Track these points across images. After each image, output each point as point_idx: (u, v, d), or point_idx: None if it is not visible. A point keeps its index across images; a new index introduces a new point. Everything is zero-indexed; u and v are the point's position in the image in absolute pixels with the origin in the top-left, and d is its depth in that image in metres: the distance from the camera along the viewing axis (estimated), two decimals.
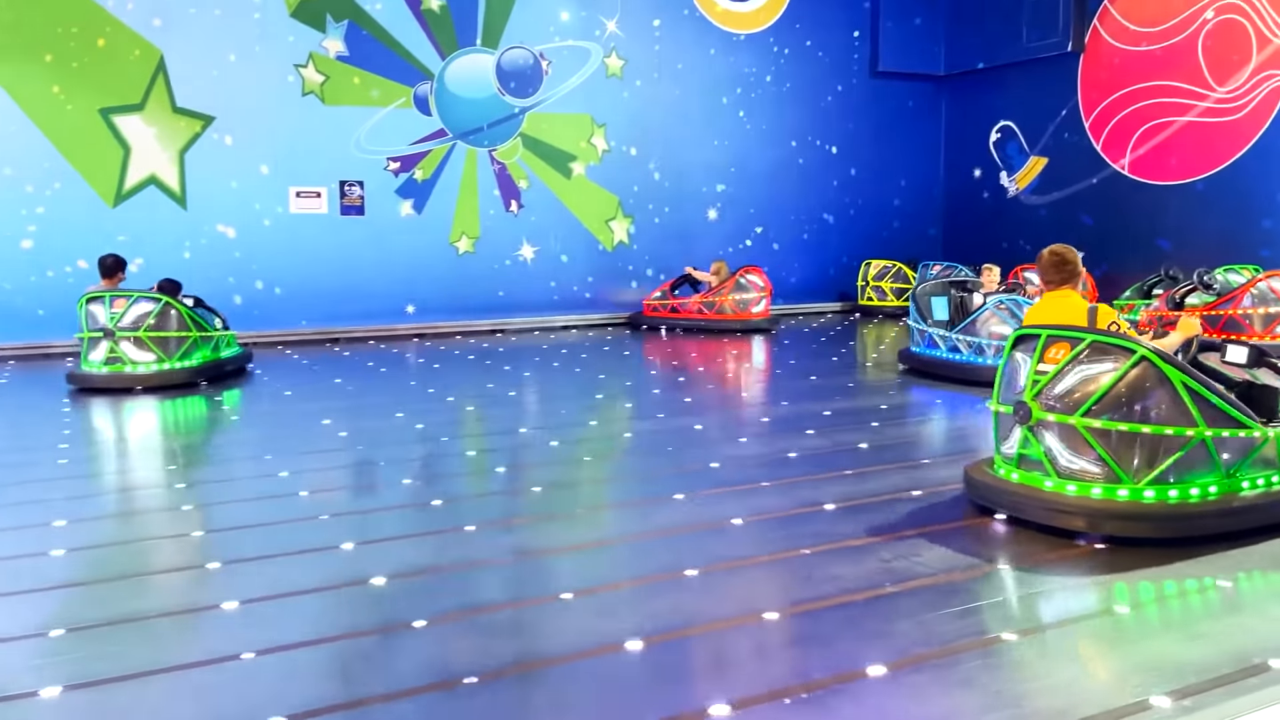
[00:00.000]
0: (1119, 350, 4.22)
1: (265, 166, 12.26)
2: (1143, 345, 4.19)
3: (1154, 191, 13.83)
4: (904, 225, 16.82)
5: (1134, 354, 4.17)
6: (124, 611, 3.55)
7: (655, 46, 14.50)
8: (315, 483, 5.44)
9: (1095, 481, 4.23)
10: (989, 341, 8.56)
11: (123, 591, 3.81)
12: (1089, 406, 4.21)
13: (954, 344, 8.90)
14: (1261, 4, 12.40)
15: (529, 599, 3.69)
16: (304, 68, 12.34)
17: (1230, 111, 12.85)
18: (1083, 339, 4.31)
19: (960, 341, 8.83)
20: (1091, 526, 4.22)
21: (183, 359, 8.76)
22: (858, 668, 3.03)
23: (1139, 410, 4.15)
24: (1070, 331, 4.39)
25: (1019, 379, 4.54)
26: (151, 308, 8.61)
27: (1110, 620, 3.40)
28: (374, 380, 9.45)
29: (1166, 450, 4.14)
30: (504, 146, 13.59)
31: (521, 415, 7.78)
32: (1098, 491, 4.21)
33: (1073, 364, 4.31)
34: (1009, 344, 4.70)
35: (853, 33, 16.12)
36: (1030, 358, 4.47)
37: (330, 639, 3.32)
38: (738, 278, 13.23)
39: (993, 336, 8.56)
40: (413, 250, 13.06)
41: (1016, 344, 4.65)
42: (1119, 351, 4.22)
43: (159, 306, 8.64)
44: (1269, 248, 12.41)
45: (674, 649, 3.23)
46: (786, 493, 5.08)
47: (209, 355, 9.11)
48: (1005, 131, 16.01)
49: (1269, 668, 2.99)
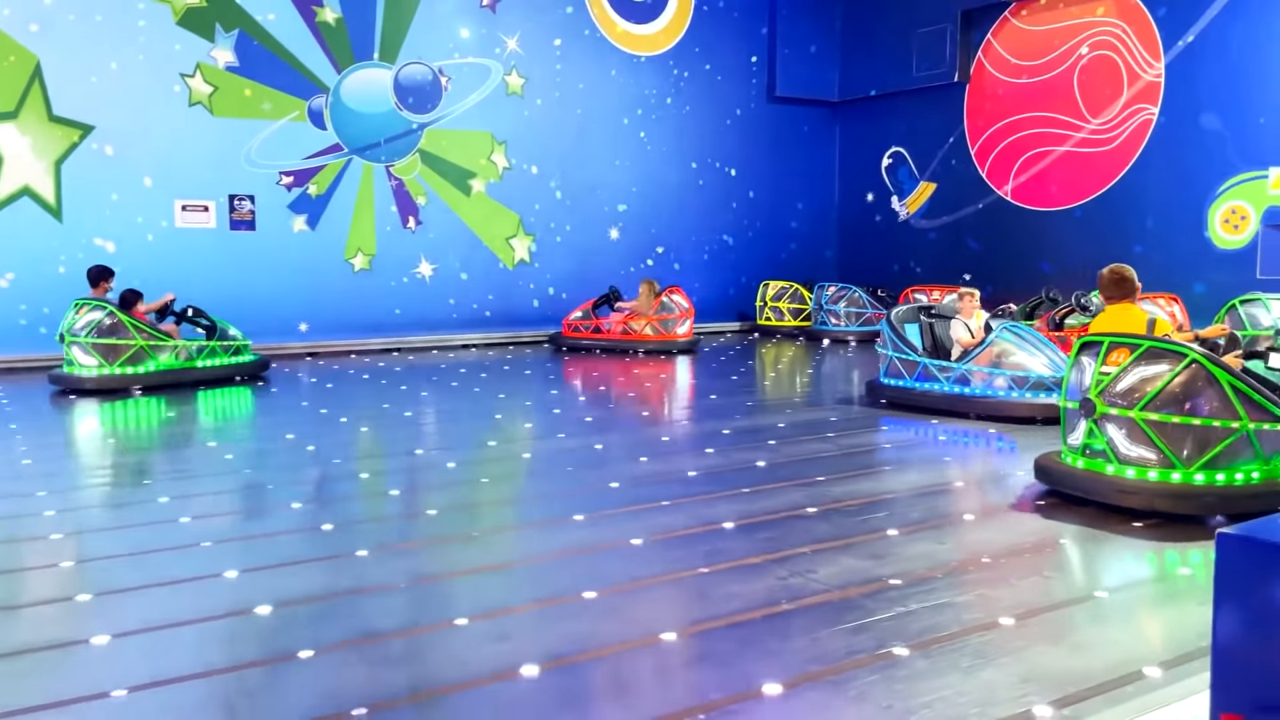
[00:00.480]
0: (1172, 354, 4.88)
1: (149, 178, 11.79)
2: (1194, 350, 4.81)
3: (1035, 217, 14.47)
4: (801, 247, 17.19)
5: (1185, 357, 4.81)
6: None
7: (556, 65, 14.52)
8: (198, 508, 5.21)
9: (1152, 466, 4.85)
10: (1004, 372, 7.78)
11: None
12: (1146, 402, 4.85)
13: (931, 373, 8.20)
14: (1132, 42, 13.13)
15: (424, 625, 3.60)
16: (191, 78, 11.94)
17: (1104, 142, 13.55)
18: (1141, 345, 4.97)
19: (936, 370, 8.16)
20: (1148, 505, 4.80)
21: (127, 366, 9.18)
22: (754, 687, 3.04)
23: (1190, 405, 4.79)
24: (1130, 338, 5.07)
25: (1084, 380, 5.17)
26: (98, 316, 9.18)
27: (996, 633, 3.50)
28: (264, 400, 9.14)
29: (1214, 440, 4.72)
30: (402, 162, 13.38)
31: (418, 436, 7.63)
32: (1154, 475, 4.82)
33: (1132, 366, 4.95)
34: (1074, 350, 5.35)
35: (751, 58, 16.45)
36: (1094, 361, 5.12)
37: (211, 673, 3.16)
38: (663, 298, 13.18)
39: (1009, 367, 7.81)
40: (306, 267, 12.73)
41: (1081, 350, 5.30)
42: (1172, 356, 4.87)
43: (103, 315, 9.19)
44: (1141, 270, 13.06)
45: (572, 673, 3.18)
46: (686, 511, 5.09)
47: (167, 364, 9.42)
48: (896, 157, 16.54)
49: (1143, 676, 3.12)
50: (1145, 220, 13.13)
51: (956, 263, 15.49)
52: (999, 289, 14.70)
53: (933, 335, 8.57)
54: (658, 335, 13.06)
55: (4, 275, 10.90)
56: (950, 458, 6.59)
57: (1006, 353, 7.90)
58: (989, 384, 7.89)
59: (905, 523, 4.87)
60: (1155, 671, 3.13)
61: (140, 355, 9.25)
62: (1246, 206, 12.06)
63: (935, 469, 6.19)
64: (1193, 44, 12.51)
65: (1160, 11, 12.82)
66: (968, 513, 5.14)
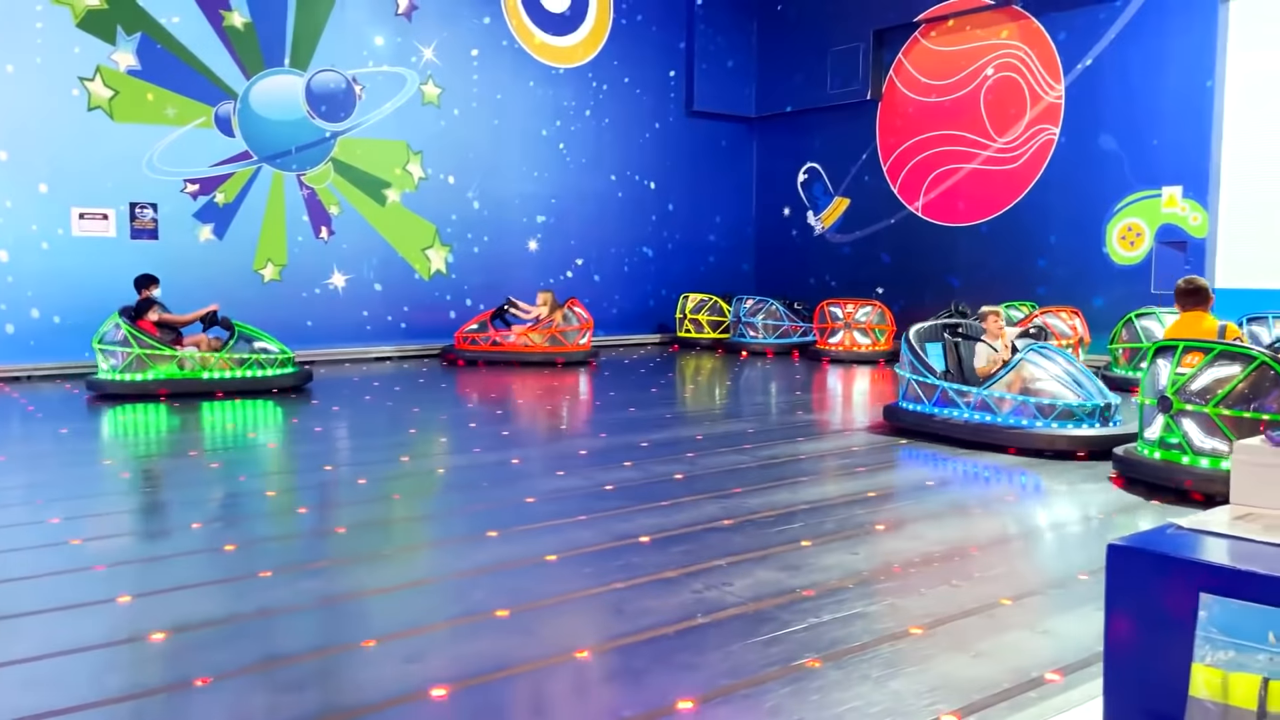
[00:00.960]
0: (1242, 357, 5.49)
1: (44, 185, 11.32)
2: (1261, 353, 5.38)
3: (944, 232, 14.87)
4: (719, 260, 17.35)
5: (1254, 360, 5.41)
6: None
7: (474, 76, 14.41)
8: (90, 529, 4.99)
9: (1224, 457, 5.38)
10: (1029, 399, 7.12)
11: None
12: (1219, 399, 5.46)
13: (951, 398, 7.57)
14: (1034, 64, 13.62)
15: (332, 647, 3.49)
16: (90, 81, 11.51)
17: (1009, 161, 14.01)
18: (1213, 348, 5.61)
19: (955, 395, 7.55)
20: (1221, 492, 4.89)
21: (125, 373, 9.51)
22: (667, 703, 3.02)
23: (1258, 402, 5.36)
24: (1203, 342, 5.73)
25: (1160, 380, 5.81)
26: (109, 324, 9.66)
27: (907, 641, 3.55)
28: (164, 416, 8.82)
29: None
30: (314, 171, 13.10)
31: (328, 452, 7.44)
32: (1226, 465, 5.21)
33: (1206, 367, 5.57)
34: (1150, 354, 5.97)
35: (669, 72, 16.58)
36: (1170, 363, 5.75)
37: (102, 703, 3.01)
38: (564, 310, 13.16)
39: (1037, 394, 7.13)
40: (213, 277, 12.33)
41: (1157, 353, 5.92)
42: (1242, 358, 5.49)
43: (108, 322, 9.66)
44: (1044, 285, 13.56)
45: (485, 693, 3.12)
46: (601, 526, 5.06)
47: (170, 373, 9.61)
48: (812, 173, 16.84)
49: (1043, 681, 3.19)
50: (1048, 236, 13.60)
51: (870, 276, 15.81)
52: (910, 302, 15.04)
53: (958, 356, 7.92)
54: (557, 346, 13.00)
55: None
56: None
57: (1033, 378, 7.23)
58: (1017, 411, 7.19)
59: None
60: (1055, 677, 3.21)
61: (141, 364, 9.56)
62: (1141, 224, 12.59)
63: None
64: (1091, 67, 13.03)
65: (1061, 35, 13.32)
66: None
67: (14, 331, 11.12)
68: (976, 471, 6.65)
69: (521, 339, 13.02)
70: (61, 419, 8.54)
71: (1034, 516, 5.61)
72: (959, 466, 6.77)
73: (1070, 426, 6.98)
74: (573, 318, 13.10)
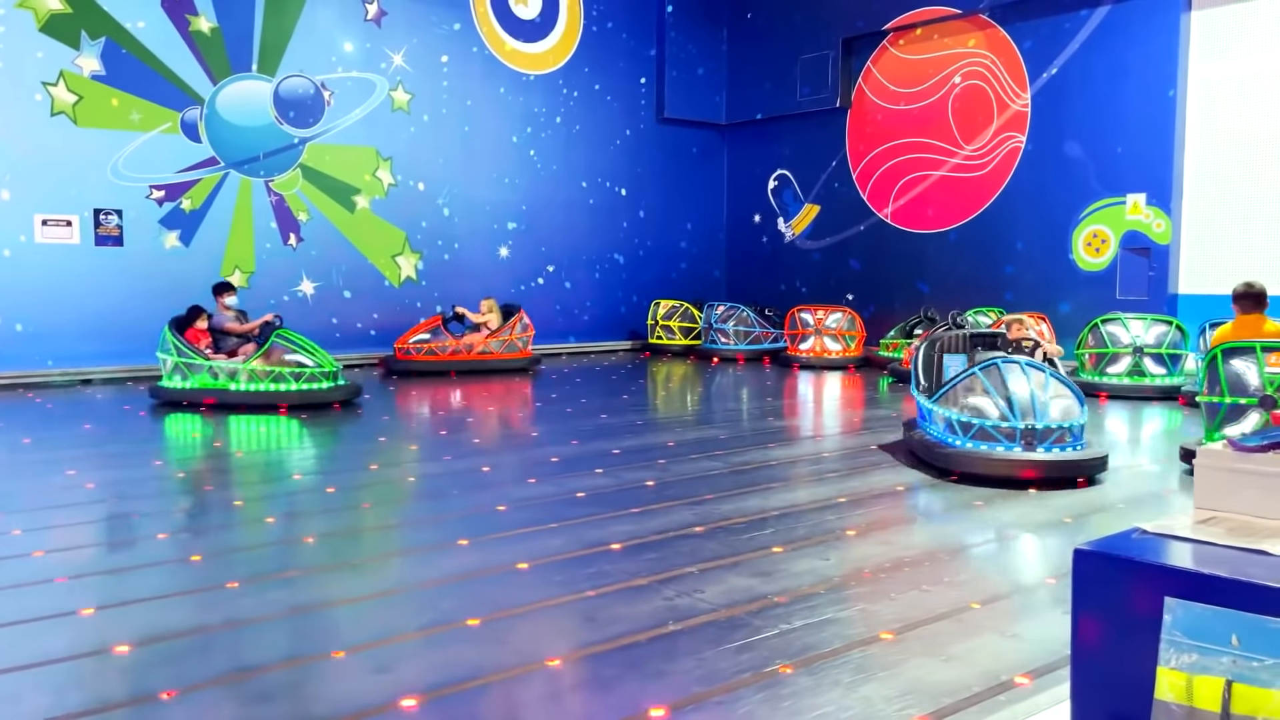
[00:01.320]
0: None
1: (6, 191, 11.14)
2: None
3: (913, 239, 15.00)
4: (691, 266, 17.39)
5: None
6: None
7: (444, 82, 14.36)
8: (53, 541, 4.90)
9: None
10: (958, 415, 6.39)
11: None
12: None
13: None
14: (1001, 73, 13.78)
15: (300, 658, 3.45)
16: (54, 86, 11.35)
17: (977, 168, 14.16)
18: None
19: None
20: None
21: (168, 380, 9.77)
22: (639, 710, 3.01)
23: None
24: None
25: (1249, 379, 6.07)
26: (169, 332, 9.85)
27: (878, 646, 3.56)
28: (130, 425, 8.70)
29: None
30: (282, 177, 13.00)
31: (297, 460, 7.37)
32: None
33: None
34: (1219, 356, 6.16)
35: (640, 79, 16.61)
36: (1251, 365, 6.05)
37: (67, 717, 2.96)
38: (520, 318, 13.04)
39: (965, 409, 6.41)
40: (179, 284, 12.15)
41: (1227, 355, 6.15)
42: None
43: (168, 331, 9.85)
44: (1012, 291, 13.71)
45: (456, 703, 3.10)
46: (573, 533, 5.04)
47: (204, 383, 9.62)
48: (782, 180, 16.93)
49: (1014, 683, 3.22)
50: (1015, 242, 13.75)
51: (840, 283, 15.91)
52: (880, 308, 15.16)
53: (937, 367, 7.27)
54: (498, 354, 12.84)
55: None
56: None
57: (969, 390, 6.53)
58: (949, 429, 6.49)
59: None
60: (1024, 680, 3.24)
61: (182, 372, 9.71)
62: (1107, 230, 12.76)
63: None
64: (1056, 75, 13.21)
65: (1026, 44, 13.49)
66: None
67: None
68: (945, 480, 6.69)
69: (476, 346, 12.80)
70: (26, 428, 8.39)
71: (1003, 521, 5.66)
72: (929, 474, 6.81)
73: (988, 448, 6.19)
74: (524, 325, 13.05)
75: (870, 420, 9.22)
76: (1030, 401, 6.25)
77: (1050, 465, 6.07)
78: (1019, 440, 6.16)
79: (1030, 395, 6.28)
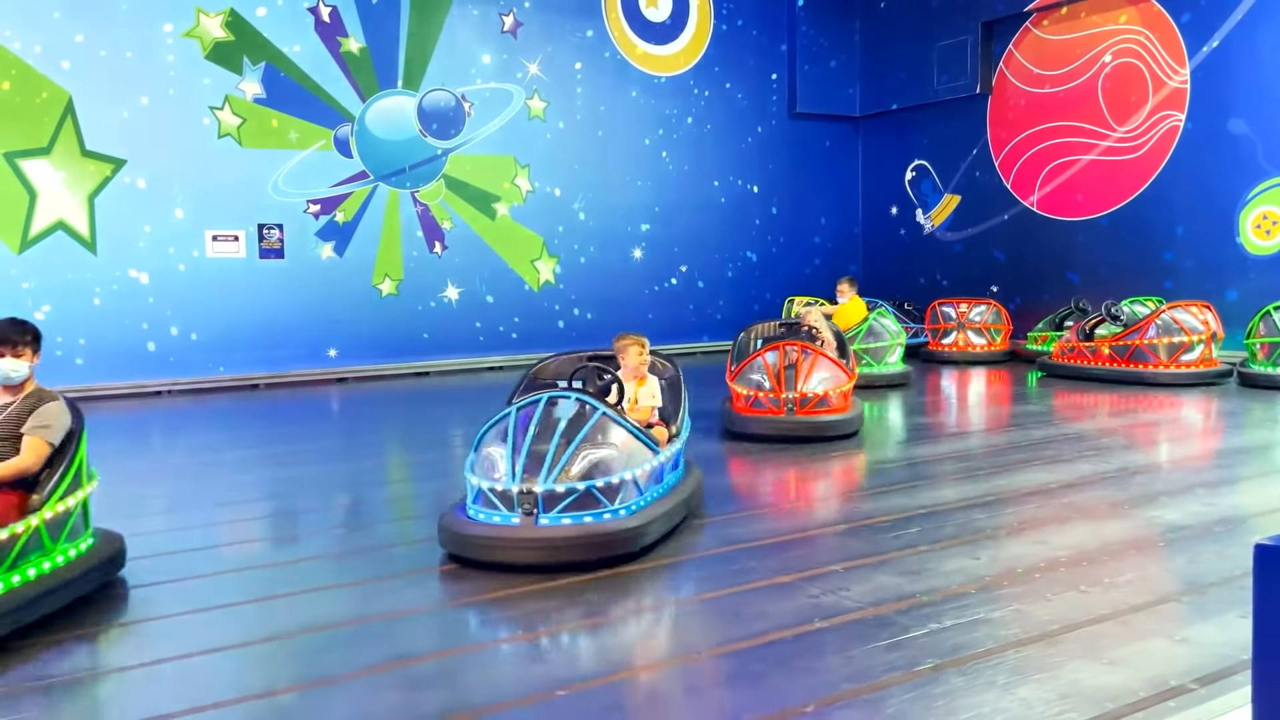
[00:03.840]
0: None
1: (180, 210, 11.98)
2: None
3: (1062, 227, 14.36)
4: (825, 262, 17.14)
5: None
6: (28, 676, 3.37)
7: (577, 89, 14.63)
8: (231, 535, 5.26)
9: None
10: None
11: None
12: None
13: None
14: (1156, 49, 13.05)
15: (451, 649, 3.60)
16: (220, 110, 12.14)
17: (1130, 150, 13.44)
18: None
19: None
20: None
21: None
22: (786, 706, 3.01)
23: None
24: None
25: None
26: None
27: (1034, 648, 3.45)
28: (310, 425, 9.22)
29: None
30: (427, 188, 13.51)
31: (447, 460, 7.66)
32: None
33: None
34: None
35: (771, 75, 16.49)
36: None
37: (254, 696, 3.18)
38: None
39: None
40: (334, 293, 12.85)
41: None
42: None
43: None
44: (1171, 279, 12.96)
45: (602, 695, 3.17)
46: (713, 531, 5.06)
47: None
48: (919, 170, 16.49)
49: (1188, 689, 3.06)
50: (1175, 228, 12.99)
51: (983, 275, 15.39)
52: (1026, 300, 14.58)
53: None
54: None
55: (40, 308, 11.09)
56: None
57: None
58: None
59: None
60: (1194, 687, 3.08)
61: None
62: (1278, 211, 11.90)
63: None
64: (1218, 49, 12.40)
65: (1184, 18, 12.73)
66: None
67: (155, 349, 11.79)
68: (1105, 476, 6.39)
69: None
70: (205, 431, 8.99)
71: (1168, 519, 5.37)
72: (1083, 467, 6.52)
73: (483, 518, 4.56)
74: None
75: (1018, 416, 8.90)
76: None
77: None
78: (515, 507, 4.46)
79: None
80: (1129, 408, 9.31)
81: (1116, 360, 10.92)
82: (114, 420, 9.68)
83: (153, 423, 9.75)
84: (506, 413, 4.84)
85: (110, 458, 7.82)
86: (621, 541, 4.41)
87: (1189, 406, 9.24)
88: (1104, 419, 8.82)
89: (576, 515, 4.43)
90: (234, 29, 12.14)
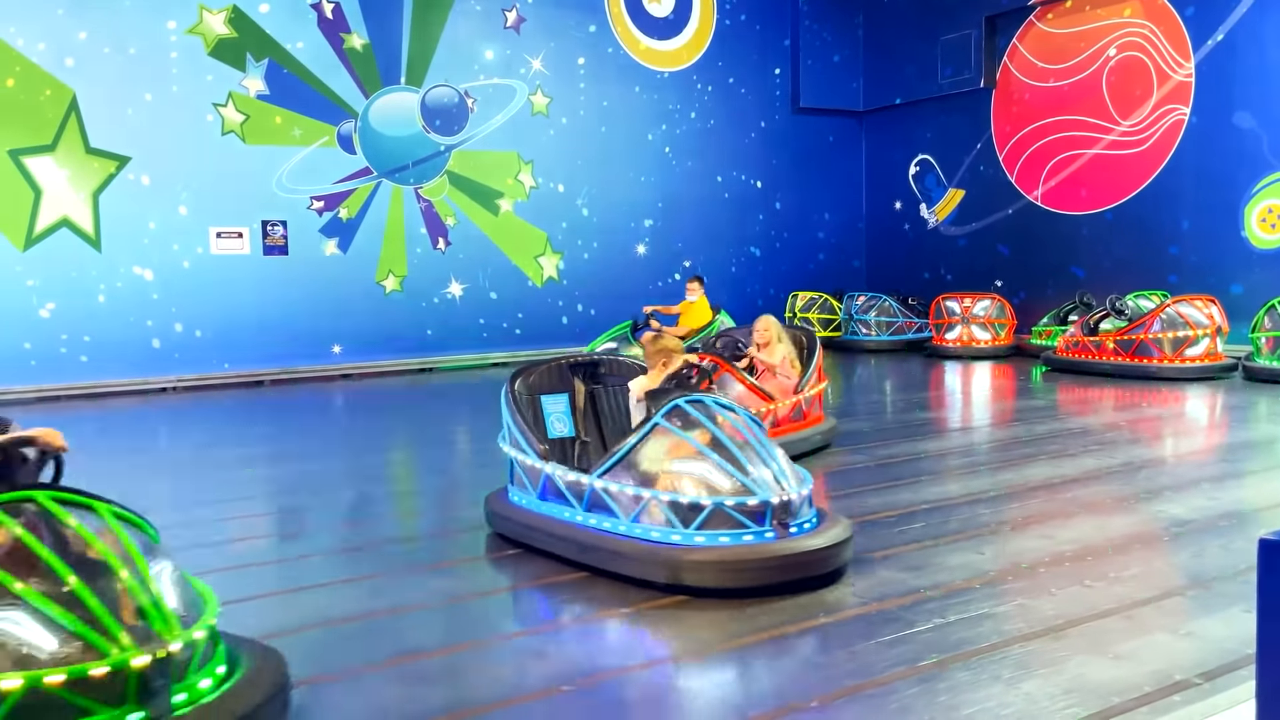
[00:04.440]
0: None
1: (184, 207, 12.00)
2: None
3: (1066, 221, 14.33)
4: (829, 257, 17.13)
5: None
6: None
7: (580, 84, 14.62)
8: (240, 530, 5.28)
9: None
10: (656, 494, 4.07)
11: None
12: None
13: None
14: (1160, 42, 13.01)
15: (460, 644, 3.61)
16: (223, 107, 12.15)
17: (1135, 144, 13.41)
18: None
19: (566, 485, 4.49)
20: None
21: None
22: (790, 700, 3.02)
23: None
24: None
25: None
26: None
27: (1039, 643, 3.45)
28: (301, 423, 9.25)
29: None
30: (430, 184, 13.52)
31: (448, 456, 7.67)
32: None
33: None
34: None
35: (774, 70, 16.47)
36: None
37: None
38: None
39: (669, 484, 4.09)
40: (338, 289, 12.87)
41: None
42: None
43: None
44: (1176, 273, 12.93)
45: (609, 689, 3.18)
46: None
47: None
48: (923, 165, 16.47)
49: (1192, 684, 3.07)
50: (1180, 221, 12.96)
51: (987, 269, 15.37)
52: (1030, 295, 14.56)
53: (596, 411, 5.16)
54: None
55: (45, 305, 11.12)
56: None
57: (672, 453, 4.20)
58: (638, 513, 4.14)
59: None
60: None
61: None
62: None
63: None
64: (1223, 42, 12.37)
65: (1188, 11, 12.69)
66: None
67: (160, 346, 11.82)
68: (1110, 471, 6.38)
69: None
70: (207, 427, 9.02)
71: (1173, 513, 5.36)
72: (1089, 461, 6.52)
73: (727, 540, 3.94)
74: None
75: (1022, 411, 8.90)
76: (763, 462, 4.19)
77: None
78: (768, 521, 4.00)
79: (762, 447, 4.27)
80: (1134, 402, 9.30)
81: (1121, 355, 10.90)
82: (119, 417, 9.70)
83: (158, 419, 9.77)
84: (654, 421, 4.19)
85: (115, 454, 7.84)
86: (844, 546, 4.10)
87: (1194, 401, 9.23)
88: (1108, 413, 8.81)
89: (801, 526, 4.05)
90: (237, 26, 12.15)
